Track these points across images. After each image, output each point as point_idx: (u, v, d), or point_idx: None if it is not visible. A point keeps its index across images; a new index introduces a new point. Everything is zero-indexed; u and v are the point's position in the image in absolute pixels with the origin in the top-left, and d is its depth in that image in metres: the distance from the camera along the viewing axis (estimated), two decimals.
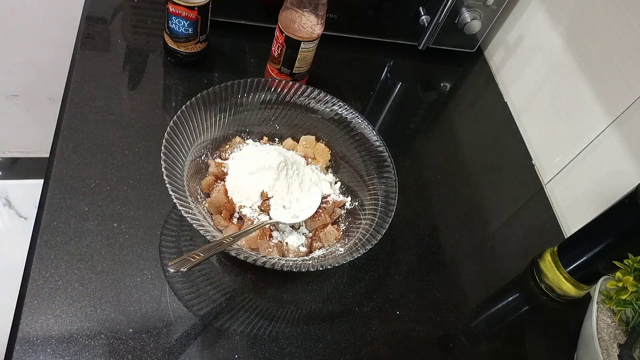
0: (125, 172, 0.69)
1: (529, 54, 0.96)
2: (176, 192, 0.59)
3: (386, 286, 0.70)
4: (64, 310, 0.57)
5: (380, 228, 0.64)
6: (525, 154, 0.94)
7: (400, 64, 1.01)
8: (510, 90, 1.01)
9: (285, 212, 0.68)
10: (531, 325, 0.73)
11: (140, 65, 0.82)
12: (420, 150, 0.89)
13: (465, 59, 1.06)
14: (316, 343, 0.62)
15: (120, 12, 0.87)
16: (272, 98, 0.74)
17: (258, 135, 0.76)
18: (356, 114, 0.74)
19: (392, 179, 0.69)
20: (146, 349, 0.57)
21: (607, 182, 0.78)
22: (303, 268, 0.59)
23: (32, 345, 0.54)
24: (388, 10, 0.94)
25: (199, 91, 0.67)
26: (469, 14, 0.94)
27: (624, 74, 0.76)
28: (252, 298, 0.64)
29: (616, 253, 0.66)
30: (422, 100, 0.98)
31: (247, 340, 0.60)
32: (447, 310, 0.70)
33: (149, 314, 0.59)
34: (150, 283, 0.61)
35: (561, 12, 0.89)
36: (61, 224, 0.62)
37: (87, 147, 0.70)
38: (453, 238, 0.78)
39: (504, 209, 0.86)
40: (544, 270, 0.75)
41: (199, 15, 0.75)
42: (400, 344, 0.65)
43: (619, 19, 0.77)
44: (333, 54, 0.95)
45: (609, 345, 0.63)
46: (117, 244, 0.63)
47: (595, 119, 0.80)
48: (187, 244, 0.66)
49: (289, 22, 0.75)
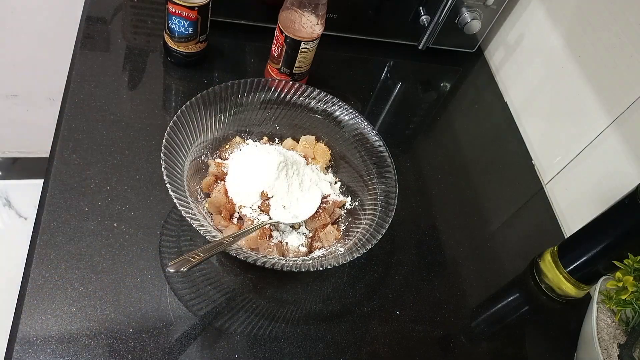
0: (125, 172, 0.69)
1: (529, 54, 0.96)
2: (176, 192, 0.59)
3: (386, 286, 0.70)
4: (64, 310, 0.57)
5: (380, 228, 0.64)
6: (525, 154, 0.94)
7: (400, 64, 1.01)
8: (510, 90, 1.01)
9: (285, 212, 0.68)
10: (531, 325, 0.73)
11: (140, 65, 0.82)
12: (420, 150, 0.89)
13: (465, 59, 1.06)
14: (316, 343, 0.62)
15: (120, 12, 0.87)
16: (272, 98, 0.74)
17: (258, 135, 0.76)
18: (356, 114, 0.74)
19: (392, 179, 0.69)
20: (146, 349, 0.57)
21: (607, 182, 0.78)
22: (303, 268, 0.59)
23: (32, 345, 0.54)
24: (388, 10, 0.94)
25: (199, 91, 0.68)
26: (469, 14, 0.94)
27: (624, 74, 0.76)
28: (252, 298, 0.64)
29: (616, 253, 0.66)
30: (422, 100, 0.98)
31: (247, 340, 0.60)
32: (447, 310, 0.70)
33: (149, 314, 0.59)
34: (150, 283, 0.61)
35: (561, 12, 0.89)
36: (61, 224, 0.62)
37: (87, 147, 0.70)
38: (453, 238, 0.78)
39: (504, 209, 0.86)
40: (544, 270, 0.75)
41: (199, 15, 0.75)
42: (400, 344, 0.65)
43: (619, 19, 0.77)
44: (333, 54, 0.95)
45: (609, 345, 0.63)
46: (117, 244, 0.63)
47: (595, 119, 0.80)
48: (187, 244, 0.66)
49: (289, 22, 0.75)
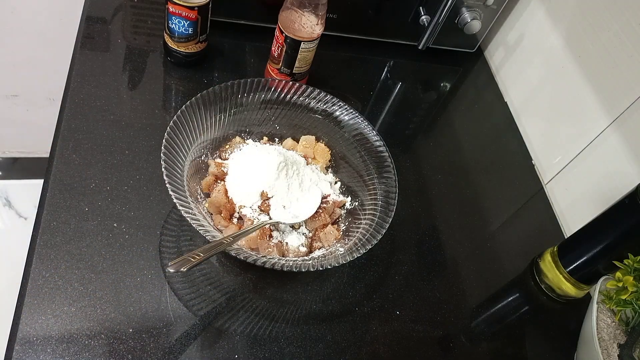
0: (125, 172, 0.69)
1: (529, 54, 0.96)
2: (176, 192, 0.59)
3: (386, 286, 0.70)
4: (64, 310, 0.57)
5: (380, 228, 0.64)
6: (525, 154, 0.94)
7: (400, 64, 1.01)
8: (510, 90, 1.01)
9: (285, 212, 0.68)
10: (531, 325, 0.73)
11: (140, 65, 0.82)
12: (420, 150, 0.89)
13: (465, 59, 1.06)
14: (316, 343, 0.62)
15: (120, 12, 0.87)
16: (272, 98, 0.74)
17: (258, 135, 0.76)
18: (356, 114, 0.74)
19: (392, 179, 0.69)
20: (146, 349, 0.57)
21: (607, 182, 0.78)
22: (303, 268, 0.59)
23: (32, 345, 0.54)
24: (388, 10, 0.94)
25: (199, 91, 0.67)
26: (469, 14, 0.94)
27: (624, 74, 0.76)
28: (252, 298, 0.64)
29: (616, 253, 0.66)
30: (422, 100, 0.98)
31: (247, 340, 0.60)
32: (447, 310, 0.70)
33: (149, 314, 0.59)
34: (150, 283, 0.61)
35: (561, 12, 0.89)
36: (61, 224, 0.62)
37: (87, 147, 0.70)
38: (453, 238, 0.78)
39: (504, 209, 0.86)
40: (544, 270, 0.75)
41: (199, 15, 0.75)
42: (400, 344, 0.65)
43: (619, 19, 0.77)
44: (333, 54, 0.95)
45: (609, 345, 0.63)
46: (117, 244, 0.63)
47: (595, 119, 0.80)
48: (187, 244, 0.66)
49: (289, 22, 0.75)
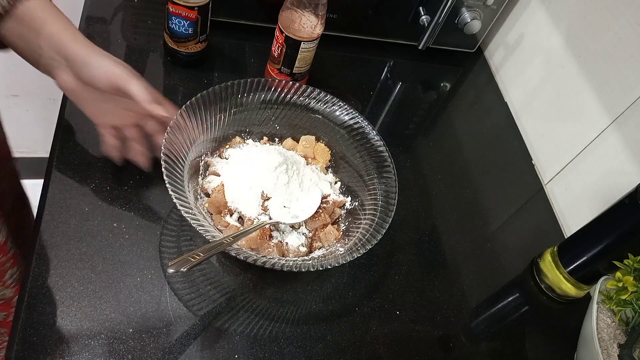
0: (125, 172, 0.69)
1: (529, 54, 0.96)
2: (176, 192, 0.59)
3: (386, 286, 0.70)
4: (64, 310, 0.57)
5: (380, 228, 0.64)
6: (525, 154, 0.94)
7: (400, 64, 1.01)
8: (510, 90, 1.01)
9: (285, 212, 0.68)
10: (531, 325, 0.73)
11: (140, 65, 0.82)
12: (420, 150, 0.89)
13: (465, 59, 1.06)
14: (316, 343, 0.62)
15: (120, 12, 0.87)
16: (272, 98, 0.74)
17: (258, 135, 0.76)
18: (356, 114, 0.74)
19: (392, 179, 0.69)
20: (146, 349, 0.57)
21: (607, 182, 0.78)
22: (303, 268, 0.59)
23: (32, 345, 0.54)
24: (388, 10, 0.94)
25: (199, 91, 0.67)
26: (469, 14, 0.94)
27: (624, 74, 0.76)
28: (252, 298, 0.64)
29: (616, 253, 0.66)
30: (422, 100, 0.98)
31: (247, 340, 0.60)
32: (447, 310, 0.70)
33: (149, 314, 0.59)
34: (150, 283, 0.61)
35: (561, 12, 0.89)
36: (61, 224, 0.62)
37: (87, 147, 0.70)
38: (453, 238, 0.78)
39: (504, 209, 0.86)
40: (544, 270, 0.75)
41: (199, 15, 0.75)
42: (400, 344, 0.65)
43: (619, 19, 0.77)
44: (333, 54, 0.95)
45: (609, 345, 0.63)
46: (117, 244, 0.63)
47: (595, 119, 0.80)
48: (187, 244, 0.66)
49: (289, 22, 0.75)
